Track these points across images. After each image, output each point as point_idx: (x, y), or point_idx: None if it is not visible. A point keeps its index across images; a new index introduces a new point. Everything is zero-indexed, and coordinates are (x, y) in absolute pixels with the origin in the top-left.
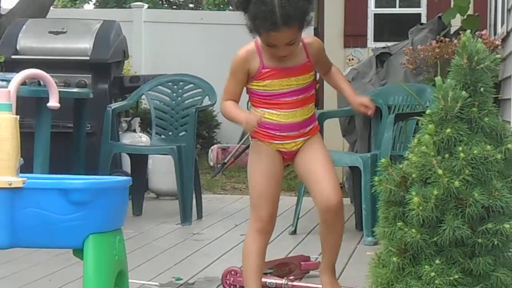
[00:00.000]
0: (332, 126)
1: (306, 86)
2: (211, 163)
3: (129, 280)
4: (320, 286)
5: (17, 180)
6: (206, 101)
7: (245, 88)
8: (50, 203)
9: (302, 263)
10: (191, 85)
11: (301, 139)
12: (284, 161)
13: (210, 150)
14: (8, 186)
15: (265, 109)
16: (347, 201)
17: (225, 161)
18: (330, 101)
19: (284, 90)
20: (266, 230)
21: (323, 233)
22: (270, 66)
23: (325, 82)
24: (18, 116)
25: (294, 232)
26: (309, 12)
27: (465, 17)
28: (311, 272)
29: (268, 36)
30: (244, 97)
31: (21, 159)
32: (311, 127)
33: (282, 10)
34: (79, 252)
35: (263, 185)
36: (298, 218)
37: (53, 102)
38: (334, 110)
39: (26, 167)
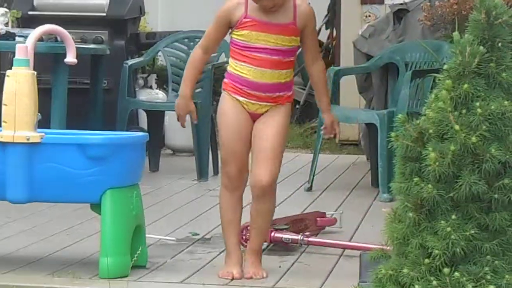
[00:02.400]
0: (349, 83)
1: (285, 49)
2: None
3: (146, 235)
4: (336, 241)
5: (35, 135)
6: (222, 58)
7: None
8: (68, 158)
9: (318, 219)
10: None
11: (266, 103)
12: (252, 120)
13: None
14: (26, 141)
15: (238, 62)
16: (363, 158)
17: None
18: (346, 58)
19: (259, 44)
20: (234, 186)
21: (252, 212)
22: (251, 17)
23: (342, 36)
24: (35, 72)
25: (310, 189)
26: None
27: None
28: (327, 228)
29: None
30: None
31: (39, 114)
32: (280, 94)
33: None
34: (96, 207)
35: (229, 140)
36: (314, 175)
37: (71, 58)
38: (351, 67)
39: (43, 123)
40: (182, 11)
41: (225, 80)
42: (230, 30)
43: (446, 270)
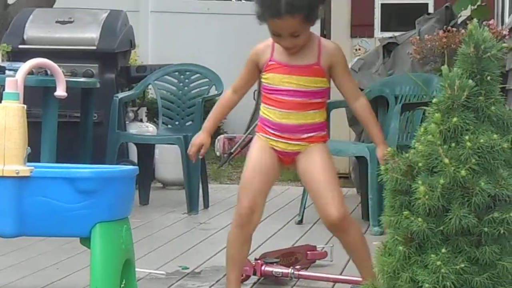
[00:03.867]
0: (339, 116)
1: (309, 90)
2: (218, 153)
3: (136, 269)
4: (327, 275)
5: (24, 169)
6: (213, 91)
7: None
8: (57, 192)
9: (308, 252)
10: (198, 75)
11: (296, 142)
12: (281, 161)
13: (216, 140)
14: (15, 174)
15: (266, 105)
16: (353, 191)
17: (232, 151)
18: (337, 91)
19: (283, 86)
20: (243, 223)
21: (346, 249)
22: (276, 60)
23: None
24: (25, 106)
25: (300, 222)
26: (317, 4)
27: (475, 7)
28: (318, 262)
29: (272, 23)
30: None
31: (29, 148)
32: (310, 135)
33: None
34: (86, 240)
35: (247, 177)
36: (304, 208)
37: (60, 91)
38: (341, 100)
39: (33, 157)
40: (172, 44)
41: (258, 123)
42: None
43: None
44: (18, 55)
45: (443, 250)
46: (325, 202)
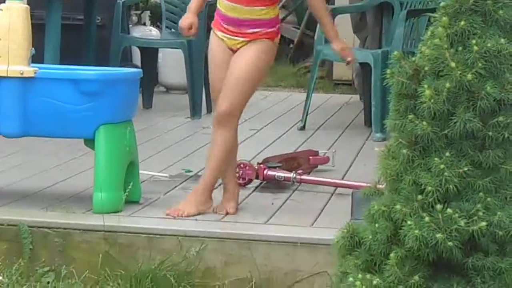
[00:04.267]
0: (343, 22)
1: None
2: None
3: (140, 171)
4: (327, 180)
5: (28, 70)
6: None
7: None
8: (62, 93)
9: (310, 157)
10: None
11: (240, 38)
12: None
13: None
14: (20, 75)
15: None
16: (356, 97)
17: None
18: None
19: None
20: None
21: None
22: None
23: None
24: (28, 7)
25: (303, 128)
26: None
27: None
28: (320, 167)
29: None
30: None
31: (33, 48)
32: (254, 30)
33: None
34: (90, 142)
35: (213, 78)
36: (307, 114)
37: None
38: (345, 6)
39: (37, 58)
40: None
41: (215, 15)
42: None
43: (438, 206)
44: None
45: (447, 154)
46: (222, 94)
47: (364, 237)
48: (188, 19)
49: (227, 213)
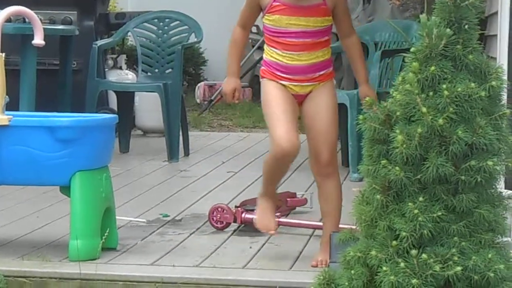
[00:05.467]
0: None
1: (317, 30)
2: (198, 100)
3: (117, 217)
4: (306, 222)
5: (3, 118)
6: (193, 38)
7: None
8: (37, 141)
9: (288, 199)
10: (178, 22)
11: (309, 83)
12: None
13: (197, 87)
14: None
15: (272, 48)
16: None
17: (212, 98)
18: None
19: (291, 29)
20: (285, 155)
21: (319, 197)
22: (281, 1)
23: None
24: (3, 54)
25: None
26: None
27: None
28: (298, 209)
29: None
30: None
31: (7, 96)
32: (322, 72)
33: None
34: (66, 189)
35: (278, 109)
36: None
37: (38, 40)
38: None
39: (12, 105)
40: None
41: (262, 68)
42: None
43: (413, 252)
44: None
45: (421, 199)
46: (320, 143)
47: (340, 284)
48: (231, 84)
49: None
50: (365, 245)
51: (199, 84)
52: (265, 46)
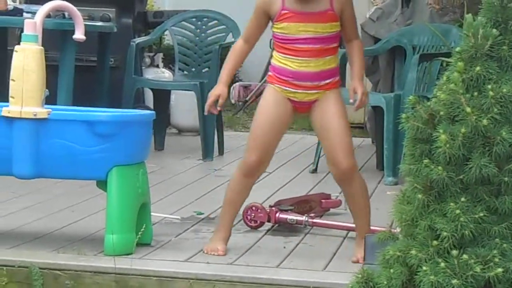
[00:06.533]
0: None
1: (325, 36)
2: (233, 101)
3: (152, 213)
4: (339, 223)
5: (42, 111)
6: (230, 38)
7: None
8: (75, 135)
9: (322, 201)
10: (215, 22)
11: (314, 91)
12: (296, 111)
13: (232, 88)
14: (33, 117)
15: (281, 54)
16: (368, 141)
17: (247, 98)
18: None
19: (300, 35)
20: (250, 173)
21: (346, 198)
22: (289, 9)
23: None
24: (43, 48)
25: (315, 171)
26: None
27: None
28: (331, 210)
29: None
30: (267, 34)
31: (47, 90)
32: (328, 81)
33: None
34: (102, 184)
35: (259, 129)
36: (319, 157)
37: (79, 34)
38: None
39: (50, 99)
40: None
41: (269, 73)
42: (270, 22)
43: (454, 252)
44: None
45: (463, 199)
46: (336, 149)
47: (379, 283)
48: (218, 90)
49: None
50: (405, 245)
51: (234, 85)
52: (274, 53)
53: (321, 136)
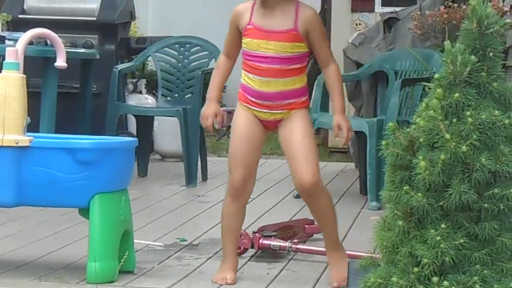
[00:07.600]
0: None
1: (286, 56)
2: (217, 126)
3: (134, 240)
4: (324, 249)
5: (24, 139)
6: (213, 64)
7: None
8: (57, 162)
9: (306, 226)
10: (198, 47)
11: (279, 111)
12: (266, 128)
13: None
14: (15, 144)
15: (245, 72)
16: (351, 165)
17: (231, 124)
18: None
19: (260, 52)
20: (238, 194)
21: (313, 214)
22: (254, 24)
23: (332, 44)
24: (25, 76)
25: (298, 196)
26: None
27: None
28: (315, 236)
29: None
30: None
31: (28, 118)
32: (291, 101)
33: None
34: (85, 211)
35: (237, 149)
36: None
37: (61, 62)
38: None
39: (32, 127)
40: (172, 16)
41: (239, 90)
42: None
43: (435, 279)
44: (18, 25)
45: (443, 226)
46: (299, 167)
47: None
48: (211, 109)
49: (227, 283)
50: (386, 271)
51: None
52: (242, 71)
53: (286, 154)
